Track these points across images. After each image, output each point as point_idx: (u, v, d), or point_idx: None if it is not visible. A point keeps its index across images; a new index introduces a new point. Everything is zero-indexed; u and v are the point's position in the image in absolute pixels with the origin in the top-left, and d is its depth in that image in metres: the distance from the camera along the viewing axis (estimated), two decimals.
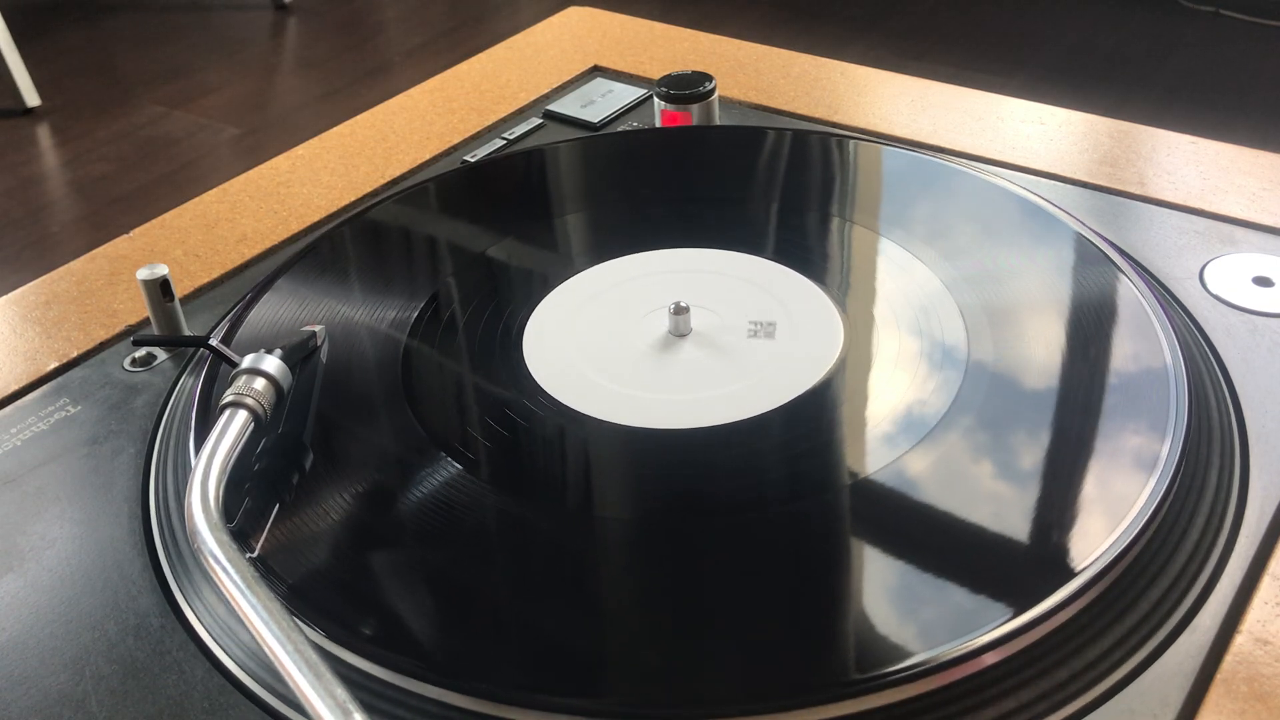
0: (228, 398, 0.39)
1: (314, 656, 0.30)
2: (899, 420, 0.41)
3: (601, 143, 0.60)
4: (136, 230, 0.58)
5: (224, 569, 0.33)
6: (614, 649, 0.34)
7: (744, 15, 2.22)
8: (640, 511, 0.39)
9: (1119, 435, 0.39)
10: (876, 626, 0.33)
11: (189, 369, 0.48)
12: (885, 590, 0.35)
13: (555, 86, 0.69)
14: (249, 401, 0.39)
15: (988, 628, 0.33)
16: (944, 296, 0.46)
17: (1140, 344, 0.43)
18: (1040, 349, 0.43)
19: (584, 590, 0.36)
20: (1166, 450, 0.38)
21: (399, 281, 0.50)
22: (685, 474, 0.39)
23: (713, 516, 0.38)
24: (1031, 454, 0.39)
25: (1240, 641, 0.34)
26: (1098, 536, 0.35)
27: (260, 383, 0.40)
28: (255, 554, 0.37)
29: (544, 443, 0.42)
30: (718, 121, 0.60)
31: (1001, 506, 0.37)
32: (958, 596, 0.34)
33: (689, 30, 0.74)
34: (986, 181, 0.53)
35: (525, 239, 0.52)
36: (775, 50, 0.71)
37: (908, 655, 0.32)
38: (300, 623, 0.32)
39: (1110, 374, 0.42)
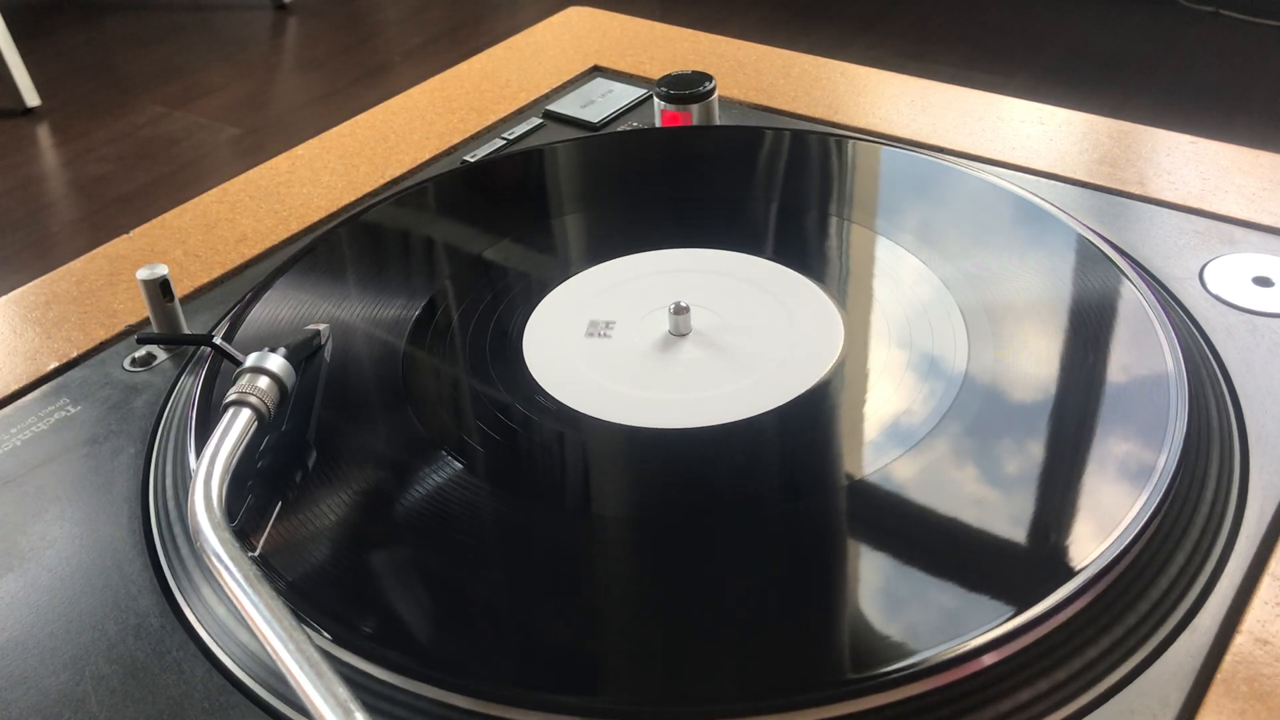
0: (231, 396, 0.39)
1: (316, 656, 0.30)
2: (899, 420, 0.41)
3: (601, 143, 0.60)
4: (136, 230, 0.58)
5: (227, 568, 0.33)
6: (613, 649, 0.34)
7: (744, 15, 2.22)
8: (640, 511, 0.39)
9: (1119, 436, 0.39)
10: (876, 626, 0.33)
11: (189, 369, 0.48)
12: (885, 590, 0.35)
13: (555, 86, 0.69)
14: (253, 400, 0.39)
15: (988, 627, 0.33)
16: (944, 297, 0.46)
17: (1140, 344, 0.43)
18: (1040, 349, 0.43)
19: (583, 590, 0.36)
20: (1166, 450, 0.38)
21: (399, 281, 0.50)
22: (685, 474, 0.39)
23: (713, 516, 0.38)
24: (1031, 454, 0.39)
25: (1240, 641, 0.34)
26: (1098, 536, 0.35)
27: (264, 381, 0.40)
28: (257, 553, 0.37)
29: (544, 442, 0.42)
30: (718, 121, 0.60)
31: (1001, 506, 0.37)
32: (958, 596, 0.34)
33: (689, 30, 0.74)
34: (987, 181, 0.53)
35: (525, 239, 0.52)
36: (775, 50, 0.71)
37: (907, 655, 0.32)
38: (302, 622, 0.32)
39: (1110, 374, 0.42)
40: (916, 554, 0.36)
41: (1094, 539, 0.35)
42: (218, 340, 0.43)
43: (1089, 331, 0.44)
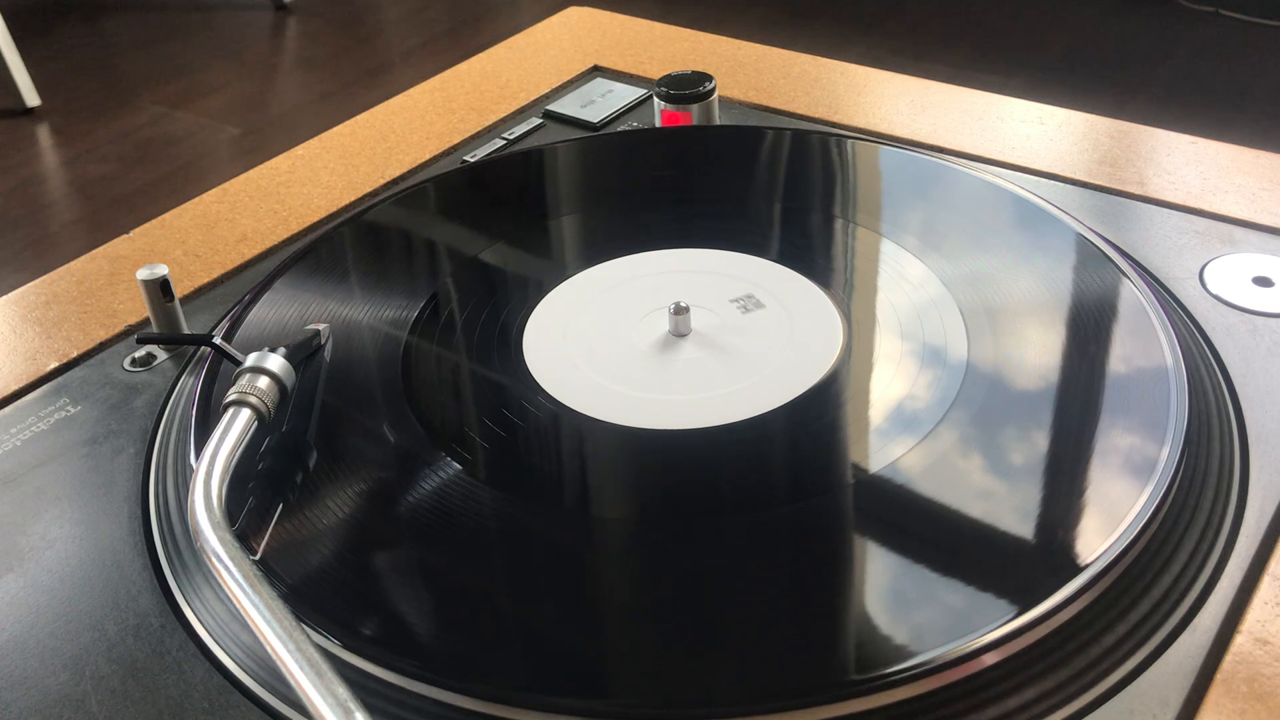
0: (231, 396, 0.39)
1: (316, 656, 0.30)
2: (899, 421, 0.41)
3: (601, 143, 0.60)
4: (136, 230, 0.58)
5: (226, 567, 0.33)
6: (614, 649, 0.34)
7: (744, 15, 2.22)
8: (640, 512, 0.39)
9: (1119, 435, 0.39)
10: (877, 626, 0.33)
11: (189, 369, 0.48)
12: (886, 590, 0.35)
13: (555, 86, 0.69)
14: (253, 400, 0.39)
15: (988, 628, 0.33)
16: (944, 297, 0.46)
17: (1140, 344, 0.43)
18: (1041, 349, 0.43)
19: (584, 590, 0.36)
20: (1166, 450, 0.38)
21: (399, 281, 0.50)
22: (685, 474, 0.39)
23: (713, 517, 0.38)
24: (1031, 454, 0.39)
25: (1240, 641, 0.34)
26: (1098, 536, 0.35)
27: (264, 381, 0.40)
28: (258, 555, 0.37)
29: (544, 443, 0.42)
30: (718, 121, 0.60)
31: (1002, 506, 0.37)
32: (958, 597, 0.34)
33: (689, 30, 0.74)
34: (986, 182, 0.53)
35: (525, 239, 0.52)
36: (775, 50, 0.71)
37: (908, 655, 0.32)
38: (301, 622, 0.32)
39: (1110, 374, 0.42)
40: (916, 555, 0.36)
41: (1093, 539, 0.35)
42: (218, 340, 0.43)
43: (1089, 331, 0.44)
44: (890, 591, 0.34)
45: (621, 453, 0.41)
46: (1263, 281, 0.48)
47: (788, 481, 0.39)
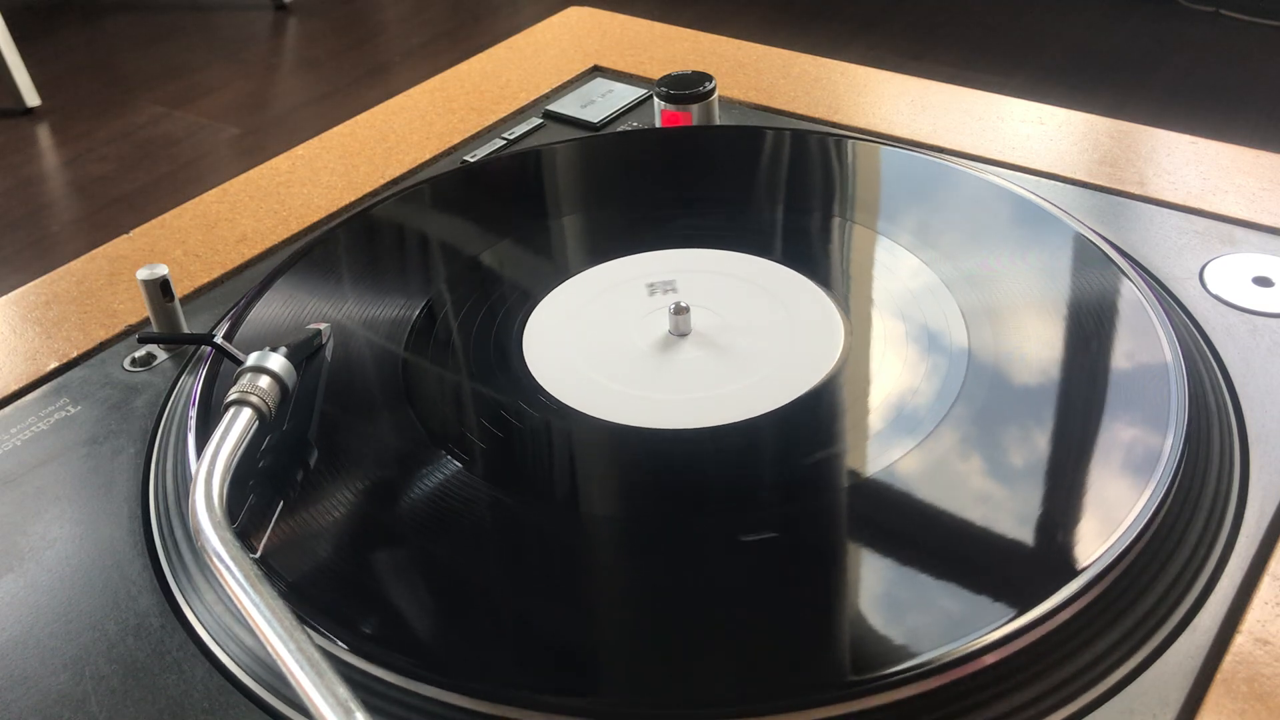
0: (232, 395, 0.39)
1: (316, 655, 0.30)
2: (899, 421, 0.41)
3: (601, 143, 0.60)
4: (136, 230, 0.58)
5: (227, 567, 0.33)
6: (614, 649, 0.34)
7: (744, 15, 2.22)
8: (640, 511, 0.39)
9: (1119, 435, 0.39)
10: (876, 627, 0.33)
11: (189, 369, 0.48)
12: (885, 591, 0.35)
13: (555, 86, 0.69)
14: (254, 399, 0.39)
15: (988, 628, 0.33)
16: (944, 297, 0.46)
17: (1140, 344, 0.43)
18: (1041, 349, 0.43)
19: (584, 591, 0.36)
20: (1166, 450, 0.38)
21: (399, 281, 0.50)
22: (685, 474, 0.39)
23: (713, 516, 0.38)
24: (1032, 454, 0.39)
25: (1240, 641, 0.34)
26: (1098, 537, 0.35)
27: (265, 380, 0.40)
28: (258, 554, 0.37)
29: (544, 442, 0.42)
30: (718, 121, 0.60)
31: (1002, 507, 0.37)
32: (957, 597, 0.34)
33: (689, 30, 0.74)
34: (986, 181, 0.53)
35: (525, 239, 0.52)
36: (775, 50, 0.71)
37: (908, 656, 0.32)
38: (302, 622, 0.32)
39: (1110, 374, 0.42)
40: (916, 555, 0.36)
41: (1094, 539, 0.35)
42: (218, 340, 0.43)
43: (1089, 332, 0.44)
44: (890, 592, 0.34)
45: (621, 452, 0.41)
46: (1263, 281, 0.48)
47: (787, 481, 0.39)
